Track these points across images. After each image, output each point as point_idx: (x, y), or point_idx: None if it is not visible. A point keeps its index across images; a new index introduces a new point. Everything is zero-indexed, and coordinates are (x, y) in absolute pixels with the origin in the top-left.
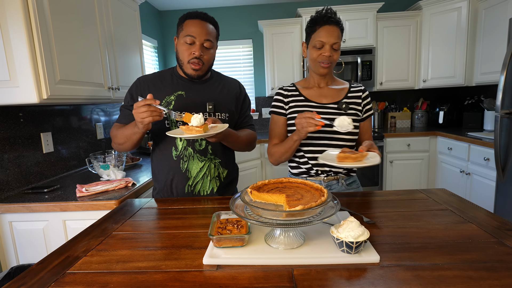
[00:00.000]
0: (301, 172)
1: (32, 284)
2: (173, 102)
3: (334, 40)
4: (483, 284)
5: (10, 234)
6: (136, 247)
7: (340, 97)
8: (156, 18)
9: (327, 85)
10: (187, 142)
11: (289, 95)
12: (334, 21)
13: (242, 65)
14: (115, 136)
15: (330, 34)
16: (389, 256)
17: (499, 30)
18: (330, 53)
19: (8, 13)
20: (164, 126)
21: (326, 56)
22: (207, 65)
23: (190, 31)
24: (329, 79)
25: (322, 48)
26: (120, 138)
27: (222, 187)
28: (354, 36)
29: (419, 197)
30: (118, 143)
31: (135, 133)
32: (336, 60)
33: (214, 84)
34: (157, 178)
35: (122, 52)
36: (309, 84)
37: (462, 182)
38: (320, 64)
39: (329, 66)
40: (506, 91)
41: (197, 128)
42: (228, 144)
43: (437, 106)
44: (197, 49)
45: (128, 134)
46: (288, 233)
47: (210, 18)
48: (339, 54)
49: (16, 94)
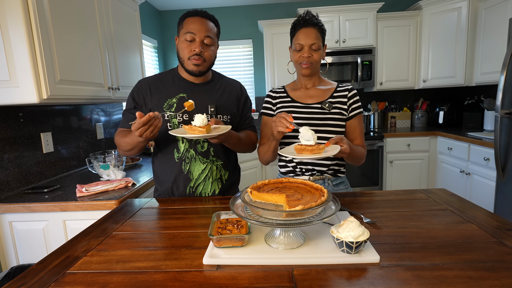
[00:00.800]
0: (288, 171)
1: (32, 284)
2: (175, 105)
3: (312, 41)
4: (483, 284)
5: (10, 234)
6: (136, 247)
7: (326, 97)
8: (156, 18)
9: (314, 86)
10: (189, 144)
11: (277, 97)
12: (311, 22)
13: (242, 65)
14: (120, 144)
15: (307, 36)
16: (389, 256)
17: (499, 30)
18: (308, 54)
19: (8, 13)
20: (167, 129)
21: (305, 57)
22: (208, 62)
23: (190, 28)
24: (316, 80)
25: (301, 50)
26: (125, 146)
27: (224, 189)
28: (354, 36)
29: (419, 197)
30: (124, 151)
31: (140, 141)
32: (317, 60)
33: (215, 86)
34: (158, 180)
35: (122, 52)
36: (297, 86)
37: (462, 182)
38: (301, 65)
39: (309, 66)
40: (506, 91)
41: (200, 128)
42: (230, 146)
43: (437, 106)
44: (197, 45)
45: (134, 143)
46: (288, 233)
47: (210, 15)
48: (320, 54)
49: (16, 94)
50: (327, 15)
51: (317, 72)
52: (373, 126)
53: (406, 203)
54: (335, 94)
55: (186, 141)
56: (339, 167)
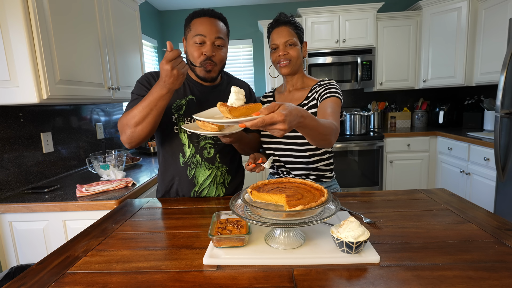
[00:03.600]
0: (274, 172)
1: (32, 284)
2: (184, 107)
3: (285, 39)
4: (483, 284)
5: (10, 234)
6: (136, 247)
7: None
8: (156, 18)
9: (295, 88)
10: (195, 149)
11: (266, 101)
12: (282, 21)
13: (242, 65)
14: (128, 118)
15: (279, 35)
16: (389, 256)
17: (499, 30)
18: (284, 51)
19: (8, 13)
20: (173, 132)
21: (281, 56)
22: (219, 65)
23: (199, 30)
24: (299, 80)
25: (277, 49)
26: (137, 114)
27: (228, 193)
28: (354, 36)
29: (419, 197)
30: (135, 124)
31: (162, 96)
32: (294, 56)
33: (225, 88)
34: (162, 182)
35: (122, 52)
36: (282, 88)
37: (462, 182)
38: (280, 65)
39: (287, 64)
40: (506, 91)
41: (212, 125)
42: (239, 147)
43: (437, 106)
44: (208, 48)
45: (152, 102)
46: (288, 233)
47: (218, 14)
48: (297, 50)
49: (16, 94)
50: (327, 15)
51: (298, 71)
52: (373, 126)
53: (406, 203)
54: (309, 94)
55: (193, 146)
56: (324, 172)
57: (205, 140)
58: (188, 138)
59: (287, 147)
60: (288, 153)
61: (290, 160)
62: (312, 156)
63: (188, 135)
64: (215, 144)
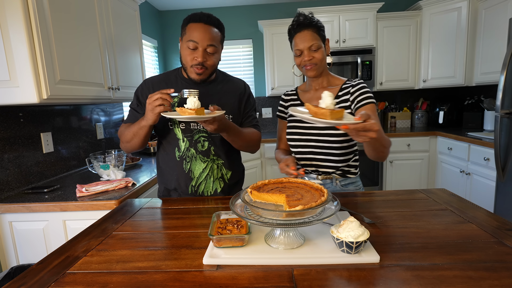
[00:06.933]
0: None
1: (32, 284)
2: (176, 104)
3: (309, 44)
4: (483, 284)
5: (10, 234)
6: (136, 247)
7: None
8: (156, 18)
9: (322, 87)
10: (190, 143)
11: (289, 100)
12: (304, 25)
13: (242, 65)
14: (122, 133)
15: (303, 40)
16: (389, 256)
17: (499, 30)
18: (309, 56)
19: (8, 13)
20: (168, 127)
21: (306, 61)
22: (210, 69)
23: (192, 36)
24: (324, 80)
25: (301, 54)
26: (127, 135)
27: (226, 188)
28: (354, 36)
29: (419, 197)
30: (126, 141)
31: (142, 127)
32: (320, 59)
33: (218, 85)
34: (161, 179)
35: (122, 52)
36: (307, 87)
37: (462, 182)
38: (305, 68)
39: (313, 67)
40: (506, 91)
41: (189, 110)
42: (230, 139)
43: (437, 106)
44: (200, 55)
45: (135, 130)
46: (288, 233)
47: (214, 20)
48: (322, 52)
49: (16, 94)
50: (327, 15)
51: (324, 71)
52: None
53: (406, 203)
54: (339, 93)
55: (187, 140)
56: (349, 168)
57: (198, 134)
58: (182, 132)
59: (320, 144)
60: (320, 150)
61: (320, 158)
62: (343, 154)
63: (182, 130)
64: (208, 137)
